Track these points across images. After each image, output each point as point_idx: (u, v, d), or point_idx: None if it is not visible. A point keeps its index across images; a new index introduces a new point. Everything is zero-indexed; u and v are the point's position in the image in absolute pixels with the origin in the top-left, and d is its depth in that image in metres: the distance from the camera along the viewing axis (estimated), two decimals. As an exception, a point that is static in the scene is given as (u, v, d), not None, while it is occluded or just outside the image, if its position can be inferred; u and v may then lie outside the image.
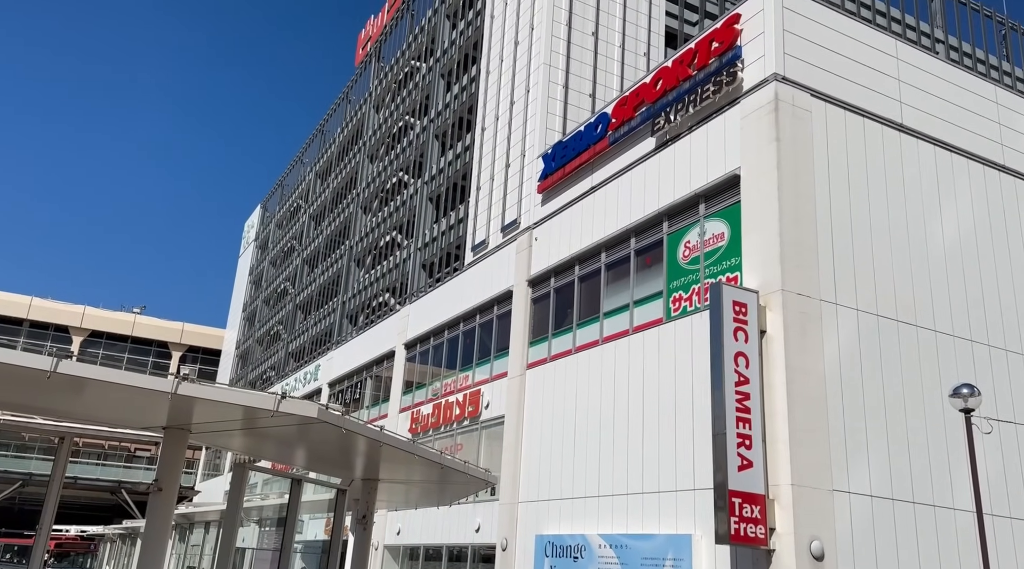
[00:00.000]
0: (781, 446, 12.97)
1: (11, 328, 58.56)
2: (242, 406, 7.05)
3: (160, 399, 6.78)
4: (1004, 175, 17.65)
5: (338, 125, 45.44)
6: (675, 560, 14.37)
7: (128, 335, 62.72)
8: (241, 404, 7.01)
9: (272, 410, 6.74)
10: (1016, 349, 16.33)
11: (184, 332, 64.65)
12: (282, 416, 6.94)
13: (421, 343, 27.65)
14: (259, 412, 7.00)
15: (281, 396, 6.74)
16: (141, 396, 6.79)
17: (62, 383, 6.28)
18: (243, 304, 59.09)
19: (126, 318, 63.38)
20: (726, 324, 13.49)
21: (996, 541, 14.16)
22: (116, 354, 61.45)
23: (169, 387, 6.52)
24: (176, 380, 6.59)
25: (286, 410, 6.77)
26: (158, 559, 7.82)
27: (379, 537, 25.79)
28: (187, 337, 64.57)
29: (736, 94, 15.85)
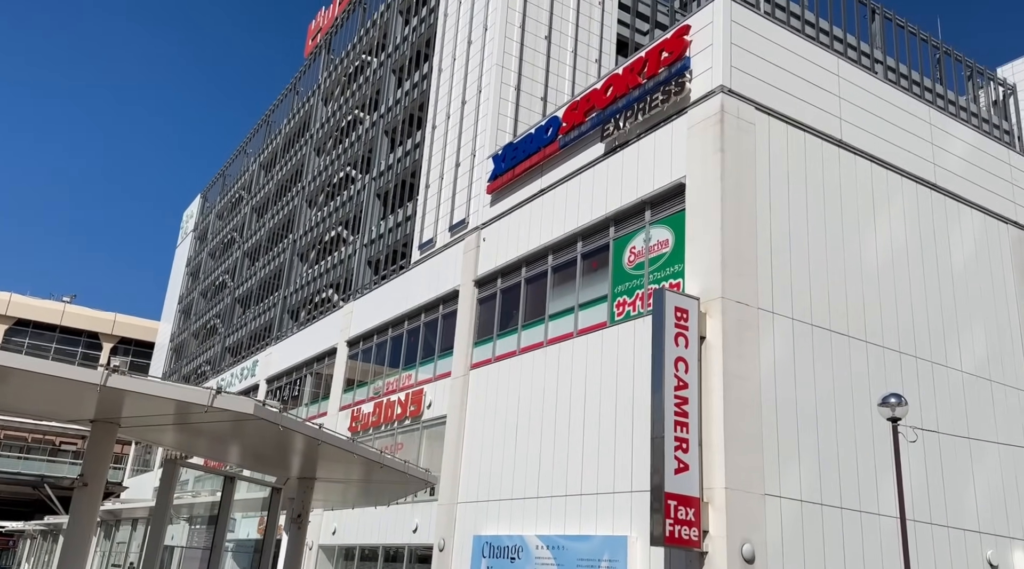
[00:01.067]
0: (716, 450, 13.23)
1: (-72, 314, 55.84)
2: (174, 400, 6.85)
3: (88, 391, 6.54)
4: (935, 193, 18.38)
5: (284, 116, 44.62)
6: (610, 561, 14.52)
7: (57, 324, 60.42)
8: (173, 398, 6.81)
9: (206, 405, 6.56)
10: (941, 361, 17.01)
11: (116, 323, 62.57)
12: (216, 412, 6.76)
13: (364, 341, 27.34)
14: (192, 407, 6.81)
15: (216, 391, 6.57)
16: (68, 388, 6.54)
17: (-17, 373, 6.00)
18: (179, 296, 57.51)
19: (55, 307, 61.01)
20: (668, 329, 13.71)
21: (917, 546, 14.72)
22: (43, 344, 59.13)
23: (98, 379, 6.29)
24: (106, 372, 6.36)
25: (221, 406, 6.60)
26: (81, 557, 7.52)
27: (314, 537, 25.39)
28: (119, 328, 62.51)
29: (684, 104, 16.12)
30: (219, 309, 47.13)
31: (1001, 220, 19.52)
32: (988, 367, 17.83)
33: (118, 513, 20.29)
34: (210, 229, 54.77)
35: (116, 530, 20.04)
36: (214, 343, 46.21)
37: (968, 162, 19.30)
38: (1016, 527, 16.89)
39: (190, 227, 60.11)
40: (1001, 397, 17.82)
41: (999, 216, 19.50)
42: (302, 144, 40.24)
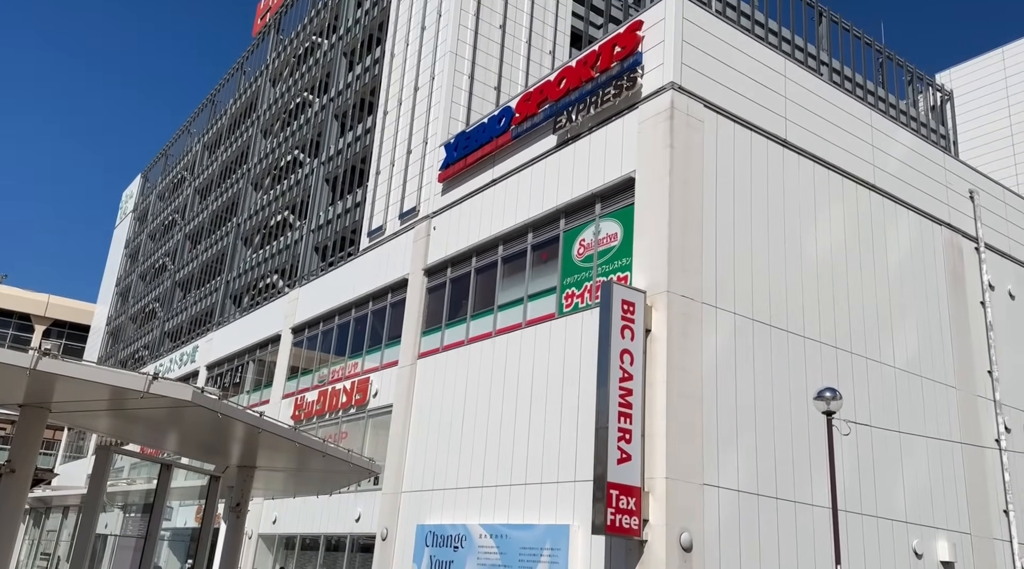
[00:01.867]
0: (659, 441, 13.46)
1: None
2: (109, 386, 6.63)
3: (17, 375, 6.29)
4: (874, 194, 18.96)
5: (231, 96, 43.52)
6: (552, 550, 14.66)
7: (-15, 305, 57.99)
8: (108, 383, 6.60)
9: (142, 391, 6.38)
10: (875, 356, 17.60)
11: (49, 305, 60.37)
12: (153, 398, 6.58)
13: (310, 328, 26.96)
14: (128, 393, 6.61)
15: (152, 377, 6.39)
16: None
17: (-99, 354, 5.72)
18: (117, 278, 55.77)
19: (-17, 287, 58.52)
20: (614, 322, 13.86)
21: (848, 535, 15.24)
22: (-31, 325, 56.71)
23: (28, 362, 6.05)
24: (36, 355, 6.13)
25: (157, 392, 6.43)
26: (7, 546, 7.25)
27: (254, 526, 25.00)
28: (52, 310, 60.34)
29: (635, 99, 16.27)
30: (159, 293, 45.87)
31: (935, 221, 20.26)
32: (919, 363, 18.53)
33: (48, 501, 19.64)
34: (150, 210, 53.20)
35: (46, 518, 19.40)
36: (153, 327, 44.99)
37: (906, 165, 19.95)
38: (940, 517, 17.63)
39: (129, 207, 58.30)
40: (930, 392, 18.54)
41: (933, 217, 20.23)
42: (248, 125, 39.32)
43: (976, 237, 21.15)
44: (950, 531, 17.65)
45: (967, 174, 21.88)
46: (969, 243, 21.02)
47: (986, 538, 18.41)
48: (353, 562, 21.10)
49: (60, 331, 60.23)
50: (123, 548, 13.52)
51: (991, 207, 22.04)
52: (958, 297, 20.15)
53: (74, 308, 61.37)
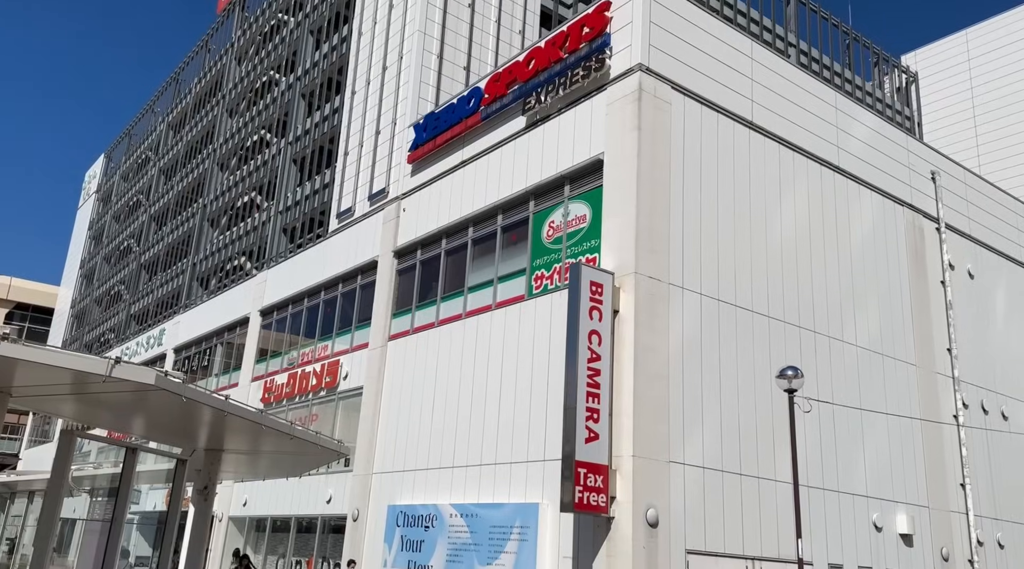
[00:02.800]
0: (626, 419, 13.65)
1: None
2: (70, 370, 6.57)
3: (-26, 360, 6.20)
4: (838, 175, 19.24)
5: (195, 74, 42.70)
6: (522, 528, 14.85)
7: (-56, 289, 56.65)
8: (69, 368, 6.53)
9: (104, 375, 6.32)
10: (837, 335, 17.96)
11: (11, 288, 59.09)
12: (116, 382, 6.53)
13: (278, 310, 26.77)
14: (90, 377, 6.55)
15: (115, 361, 6.34)
16: (-49, 356, 6.18)
17: None
18: (81, 260, 54.76)
19: (-59, 270, 57.10)
20: (583, 303, 13.98)
21: (810, 510, 15.63)
22: (-72, 309, 55.40)
23: (-15, 348, 5.97)
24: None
25: (120, 376, 6.38)
26: (-34, 533, 7.20)
27: (224, 508, 24.93)
28: (15, 293, 59.08)
29: (603, 81, 16.29)
30: (124, 275, 45.15)
31: (897, 202, 20.63)
32: (880, 342, 18.94)
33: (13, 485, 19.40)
34: (114, 191, 52.20)
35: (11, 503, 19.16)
36: (119, 310, 44.32)
37: (869, 146, 20.25)
38: (899, 491, 18.14)
39: (93, 188, 57.14)
40: (891, 370, 18.98)
41: (896, 198, 20.60)
42: (213, 105, 38.65)
43: (937, 217, 21.58)
44: (909, 504, 18.18)
45: (929, 156, 22.27)
46: (931, 223, 21.45)
47: (943, 511, 18.99)
48: (324, 543, 21.17)
49: (23, 314, 59.06)
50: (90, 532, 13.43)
51: (952, 188, 22.49)
52: (919, 276, 20.60)
53: (37, 291, 60.17)
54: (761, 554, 14.86)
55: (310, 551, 21.55)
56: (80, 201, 60.20)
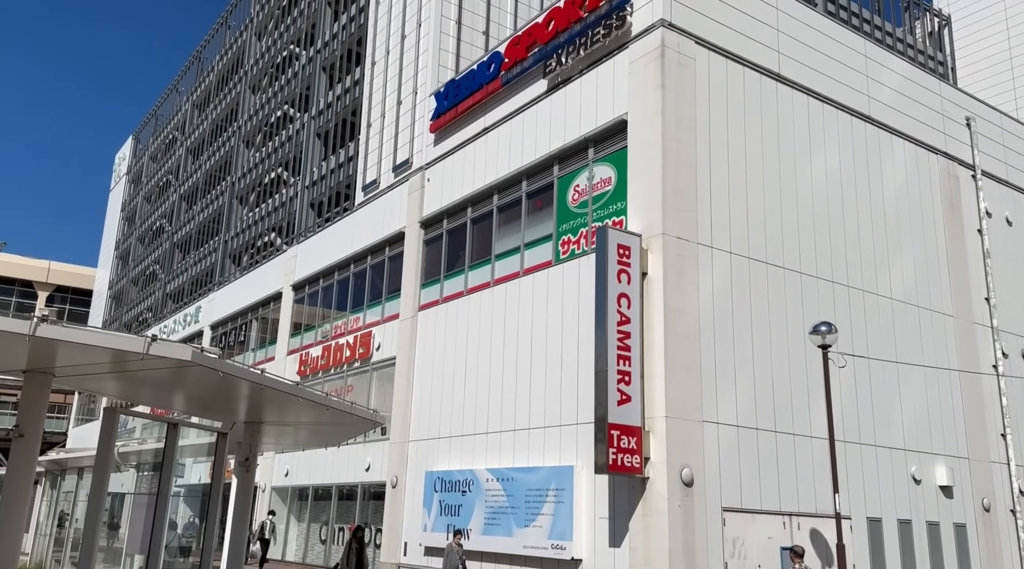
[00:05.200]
0: (657, 381, 13.65)
1: None
2: (109, 349, 6.73)
3: (18, 342, 6.37)
4: (869, 125, 18.78)
5: (216, 52, 42.77)
6: (557, 490, 15.02)
7: (-14, 274, 58.10)
8: (108, 347, 6.69)
9: (142, 353, 6.46)
10: (871, 289, 17.69)
11: (51, 271, 60.43)
12: (153, 359, 6.67)
13: (310, 284, 27.07)
14: (128, 355, 6.69)
15: (152, 338, 6.47)
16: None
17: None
18: (115, 242, 55.72)
19: (-17, 256, 58.56)
20: (610, 266, 13.92)
21: (847, 465, 15.58)
22: (-27, 295, 56.92)
23: (27, 329, 6.13)
24: (35, 321, 6.20)
25: (157, 353, 6.51)
26: (20, 507, 7.46)
27: (266, 479, 25.56)
28: (54, 276, 60.43)
29: (625, 39, 16.00)
30: (158, 255, 45.90)
31: (931, 150, 20.11)
32: (916, 294, 18.63)
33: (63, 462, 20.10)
34: (144, 172, 52.84)
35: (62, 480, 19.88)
36: (155, 289, 45.16)
37: (901, 94, 19.71)
38: (938, 443, 17.97)
39: (123, 170, 57.87)
40: (927, 322, 18.69)
41: (929, 147, 20.08)
42: (236, 82, 38.75)
43: (973, 165, 21.01)
44: (948, 456, 18.01)
45: (964, 101, 21.62)
46: (966, 171, 20.90)
47: (984, 462, 18.79)
48: (366, 509, 21.64)
49: (63, 297, 60.47)
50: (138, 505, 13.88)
51: (988, 134, 21.84)
52: (955, 226, 20.14)
53: (75, 273, 61.47)
54: (798, 510, 14.87)
55: (352, 518, 22.05)
56: (111, 183, 61.07)
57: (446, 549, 14.89)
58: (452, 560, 14.68)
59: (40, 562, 20.09)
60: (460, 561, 14.73)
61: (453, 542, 15.02)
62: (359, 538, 16.02)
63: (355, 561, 15.45)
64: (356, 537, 15.97)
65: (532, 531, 15.32)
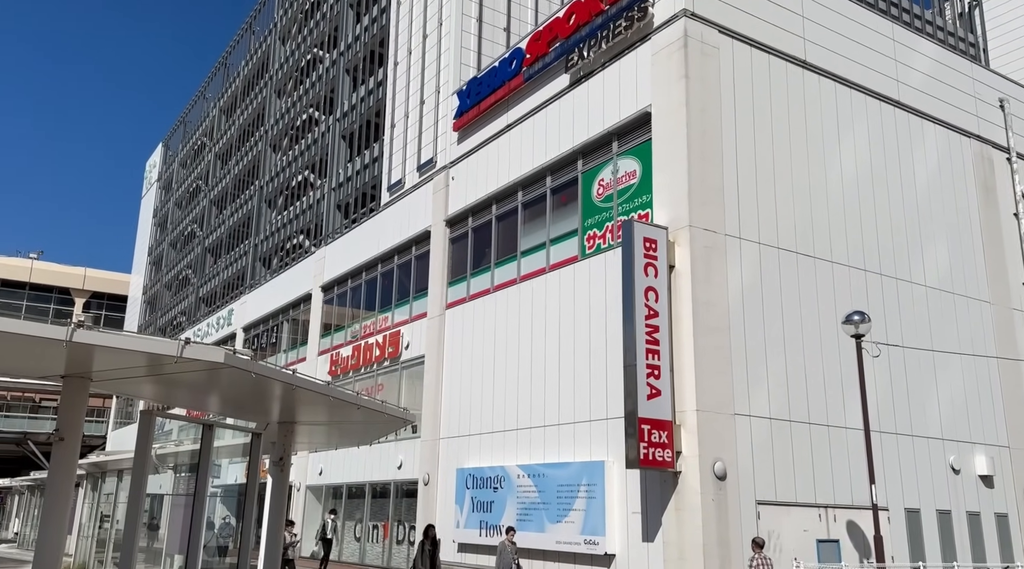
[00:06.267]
0: (687, 375, 13.56)
1: None
2: (144, 353, 6.83)
3: (55, 347, 6.50)
4: (899, 111, 18.45)
5: (242, 57, 43.27)
6: (589, 485, 14.99)
7: (26, 282, 59.46)
8: (142, 351, 6.79)
9: (176, 356, 6.54)
10: (905, 276, 17.39)
11: (87, 278, 61.72)
12: (187, 362, 6.75)
13: (339, 285, 27.30)
14: (163, 359, 6.78)
15: (185, 342, 6.55)
16: (35, 345, 6.49)
17: (-56, 334, 5.95)
18: (148, 248, 56.69)
19: (22, 264, 59.95)
20: (637, 260, 13.85)
21: (883, 455, 15.35)
22: (14, 302, 58.30)
23: (63, 335, 6.25)
24: (71, 328, 6.32)
25: (191, 356, 6.59)
26: (62, 509, 7.63)
27: (301, 478, 25.85)
28: (90, 283, 61.70)
29: (647, 30, 15.89)
30: (190, 259, 46.60)
31: (963, 134, 19.70)
32: (951, 280, 18.28)
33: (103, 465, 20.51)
34: (174, 178, 53.67)
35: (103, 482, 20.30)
36: (188, 294, 45.87)
37: (931, 77, 19.33)
38: (976, 432, 17.63)
39: (154, 177, 58.82)
40: (964, 309, 18.33)
41: (962, 130, 19.67)
42: (262, 86, 39.18)
43: (1008, 147, 20.56)
44: (988, 445, 17.67)
45: (997, 83, 21.14)
46: (1000, 153, 20.45)
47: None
48: (399, 507, 21.80)
49: (99, 303, 61.70)
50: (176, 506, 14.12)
51: (1023, 115, 21.34)
52: (990, 210, 19.72)
53: (110, 279, 62.68)
54: (834, 502, 14.69)
55: (385, 515, 22.23)
56: (143, 190, 62.11)
57: (499, 547, 14.23)
58: (506, 559, 14.04)
59: (83, 563, 20.53)
60: (514, 560, 14.11)
61: (506, 540, 14.36)
62: (432, 537, 14.56)
63: (428, 564, 14.05)
64: (428, 536, 14.54)
65: (564, 527, 15.32)
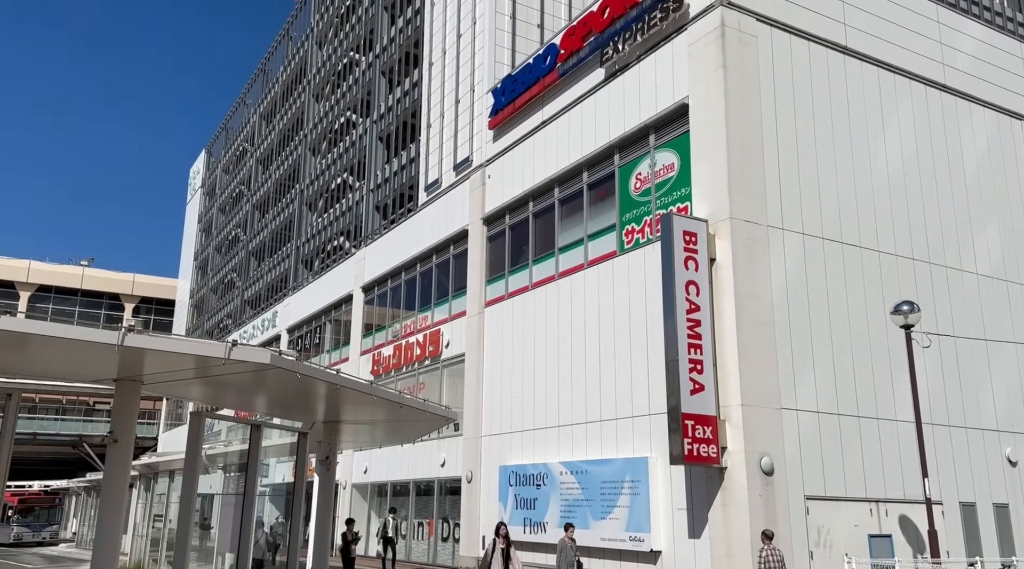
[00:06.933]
0: (731, 369, 13.39)
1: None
2: (193, 355, 6.99)
3: (107, 352, 6.68)
4: (945, 94, 17.95)
5: (280, 63, 43.94)
6: (632, 482, 14.90)
7: (78, 288, 61.27)
8: (191, 353, 6.95)
9: (224, 358, 6.69)
10: (955, 265, 16.93)
11: (136, 283, 63.35)
12: (235, 364, 6.90)
13: (379, 286, 27.56)
14: (211, 361, 6.94)
15: (232, 344, 6.69)
16: (87, 349, 6.69)
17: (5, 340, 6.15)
18: (194, 253, 57.93)
19: (74, 271, 61.77)
20: (677, 254, 13.71)
21: (935, 448, 14.96)
22: (67, 308, 60.09)
23: (115, 339, 6.41)
24: (122, 332, 6.49)
25: (238, 357, 6.73)
26: (117, 510, 7.85)
27: (346, 476, 26.17)
28: (139, 288, 63.31)
29: (683, 21, 15.71)
30: (235, 263, 47.50)
31: (1013, 116, 19.09)
32: (1004, 267, 17.74)
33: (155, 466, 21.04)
34: (217, 184, 54.74)
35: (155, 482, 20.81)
36: (233, 297, 46.76)
37: (979, 59, 18.76)
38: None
39: (198, 183, 60.08)
40: (1017, 296, 17.77)
41: (1011, 112, 19.06)
42: (300, 91, 39.73)
43: (1062, 129, 19.83)
44: (1046, 438, 17.09)
45: (1049, 62, 20.41)
46: (1054, 136, 19.75)
47: (1086, 442, 17.77)
48: (443, 504, 21.94)
49: (148, 307, 63.25)
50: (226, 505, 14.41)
51: (1078, 95, 20.57)
52: (1044, 195, 19.06)
53: (158, 284, 64.23)
54: (885, 496, 14.38)
55: (430, 513, 22.39)
56: (188, 196, 63.49)
57: (559, 545, 13.48)
58: (568, 556, 13.26)
59: (139, 562, 21.08)
60: (575, 558, 13.36)
61: (566, 537, 13.49)
62: (504, 536, 12.38)
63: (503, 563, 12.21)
64: (500, 534, 12.40)
65: (609, 523, 15.25)
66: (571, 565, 13.12)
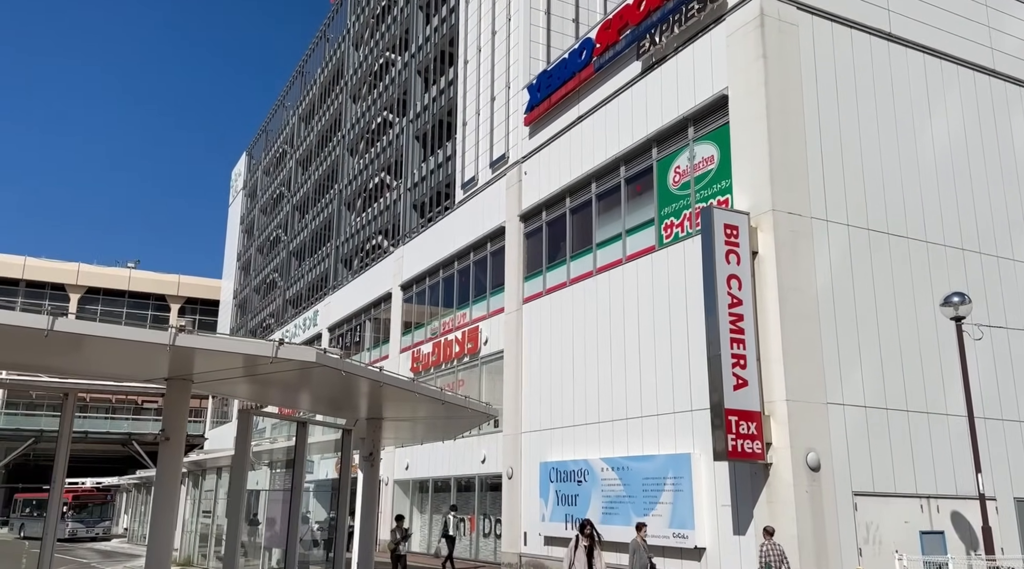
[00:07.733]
0: (775, 364, 13.19)
1: (8, 289, 58.54)
2: (241, 354, 7.12)
3: (159, 351, 6.84)
4: (994, 80, 17.44)
5: (318, 65, 44.46)
6: (675, 478, 14.78)
7: (125, 290, 62.78)
8: (240, 352, 7.08)
9: (271, 356, 6.80)
10: (1007, 255, 16.45)
11: (181, 284, 64.68)
12: (281, 362, 7.01)
13: (417, 284, 27.76)
14: (258, 359, 7.06)
15: (279, 342, 6.80)
16: (140, 349, 6.85)
17: (60, 341, 6.33)
18: (237, 253, 58.98)
19: (121, 273, 63.31)
20: (718, 247, 13.55)
21: (988, 443, 14.56)
22: (115, 309, 61.61)
23: (167, 339, 6.56)
24: (173, 332, 6.63)
25: (285, 356, 6.83)
26: (171, 506, 8.04)
27: (388, 473, 26.43)
28: (184, 289, 64.65)
29: (721, 11, 15.50)
30: (276, 263, 48.24)
31: (1069, 102, 18.44)
32: (1058, 258, 17.16)
33: (203, 463, 21.51)
34: (258, 186, 55.62)
35: (203, 479, 21.28)
36: (275, 296, 47.51)
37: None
38: (1093, 418, 16.51)
39: (240, 185, 61.12)
40: (1073, 287, 17.18)
41: (1066, 98, 18.42)
42: (338, 92, 40.17)
43: (1119, 112, 19.12)
44: (1105, 432, 16.52)
45: (1105, 43, 19.69)
46: (1111, 120, 19.04)
47: None
48: (484, 500, 22.03)
49: (193, 308, 64.55)
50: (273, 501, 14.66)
51: None
52: (1101, 181, 18.40)
53: (203, 285, 65.52)
54: (936, 492, 14.05)
55: (471, 509, 22.50)
56: (230, 198, 64.64)
57: (631, 546, 12.62)
58: (641, 558, 12.41)
59: (189, 557, 21.56)
60: (648, 559, 12.52)
61: (638, 537, 12.59)
62: (589, 535, 11.32)
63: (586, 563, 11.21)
64: (584, 533, 11.34)
65: (652, 520, 15.14)
66: (645, 567, 12.40)
